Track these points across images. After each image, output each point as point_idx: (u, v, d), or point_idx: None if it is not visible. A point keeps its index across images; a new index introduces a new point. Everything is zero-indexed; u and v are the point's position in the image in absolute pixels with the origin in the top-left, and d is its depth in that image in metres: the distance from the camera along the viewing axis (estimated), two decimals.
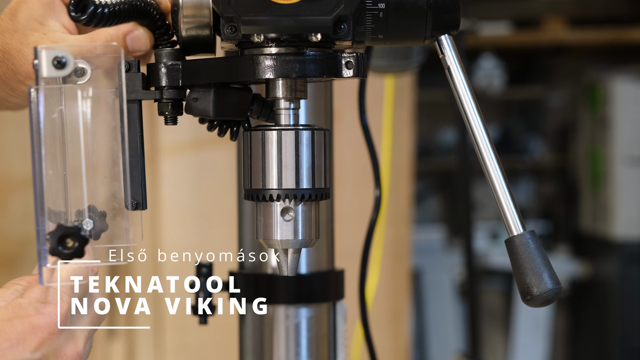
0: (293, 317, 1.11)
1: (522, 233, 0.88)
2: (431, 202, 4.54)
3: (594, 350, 4.19)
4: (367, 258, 1.20)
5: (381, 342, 2.34)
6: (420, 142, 4.10)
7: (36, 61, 0.82)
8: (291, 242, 0.91)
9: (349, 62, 0.90)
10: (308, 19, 0.84)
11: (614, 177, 3.99)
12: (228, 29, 0.87)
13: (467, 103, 0.90)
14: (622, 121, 3.97)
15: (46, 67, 0.81)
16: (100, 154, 0.94)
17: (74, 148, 0.88)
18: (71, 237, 0.80)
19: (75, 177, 0.88)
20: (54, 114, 0.86)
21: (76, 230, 0.80)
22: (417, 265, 3.93)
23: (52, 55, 0.81)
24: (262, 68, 0.88)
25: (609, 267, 4.06)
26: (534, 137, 4.49)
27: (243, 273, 1.13)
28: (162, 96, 0.93)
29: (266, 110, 0.97)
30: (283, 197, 0.89)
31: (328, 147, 0.92)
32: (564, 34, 4.13)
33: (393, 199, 2.47)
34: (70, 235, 0.80)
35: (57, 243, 0.80)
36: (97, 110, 0.93)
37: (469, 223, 2.41)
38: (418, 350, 4.09)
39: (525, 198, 4.54)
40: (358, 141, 1.33)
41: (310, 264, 1.13)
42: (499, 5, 4.32)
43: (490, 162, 0.89)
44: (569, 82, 4.47)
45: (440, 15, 0.90)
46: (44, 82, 0.82)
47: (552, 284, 0.86)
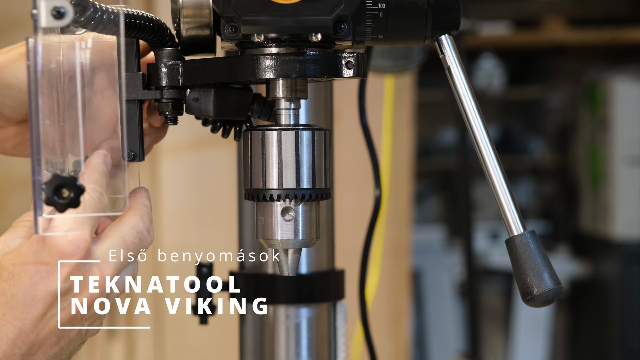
0: (293, 317, 1.11)
1: (523, 233, 0.88)
2: (431, 202, 4.54)
3: (594, 350, 4.19)
4: (367, 258, 1.20)
5: (381, 342, 2.34)
6: (420, 142, 4.10)
7: (35, 11, 0.81)
8: (291, 242, 0.91)
9: (349, 62, 0.90)
10: (308, 19, 0.84)
11: (614, 177, 3.99)
12: (228, 29, 0.87)
13: (467, 103, 0.90)
14: (622, 121, 3.97)
15: (45, 17, 0.80)
16: (98, 104, 0.94)
17: (71, 99, 0.88)
18: (67, 187, 0.79)
19: (73, 128, 0.87)
20: (52, 64, 0.86)
21: (72, 180, 0.79)
22: (417, 265, 3.93)
23: (51, 5, 0.80)
24: (262, 68, 0.88)
25: (609, 267, 4.06)
26: (534, 137, 4.49)
27: (243, 273, 1.13)
28: (163, 96, 0.93)
29: (267, 109, 0.97)
30: (283, 197, 0.89)
31: (328, 147, 0.92)
32: (564, 34, 4.13)
33: (393, 199, 2.47)
34: (66, 185, 0.79)
35: (53, 193, 0.79)
36: (96, 61, 0.93)
37: (469, 223, 2.41)
38: (418, 350, 4.09)
39: (525, 198, 4.54)
40: (358, 141, 1.33)
41: (310, 264, 1.13)
42: (499, 5, 4.32)
43: (490, 162, 0.89)
44: (569, 82, 4.47)
45: (440, 15, 0.90)
46: (42, 32, 0.82)
47: (553, 284, 0.86)
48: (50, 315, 0.80)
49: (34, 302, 0.79)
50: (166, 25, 0.93)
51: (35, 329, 0.80)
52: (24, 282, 0.79)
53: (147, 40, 0.91)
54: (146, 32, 0.90)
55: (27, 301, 0.79)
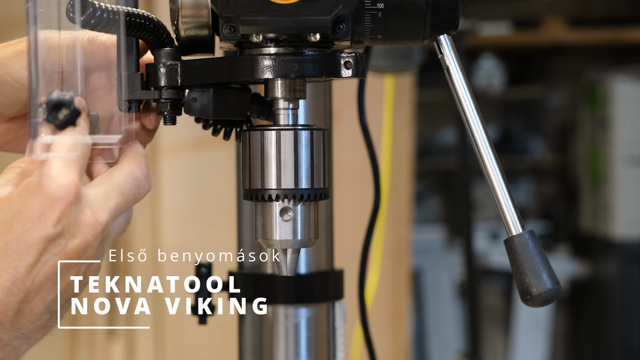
0: (292, 317, 1.11)
1: (522, 233, 0.88)
2: (431, 202, 4.54)
3: (594, 350, 4.19)
4: (367, 258, 1.20)
5: (381, 342, 2.34)
6: (420, 142, 4.11)
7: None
8: (290, 242, 0.91)
9: (348, 62, 0.90)
10: (307, 19, 0.84)
11: (614, 177, 3.99)
12: (227, 29, 0.87)
13: (466, 103, 0.90)
14: (622, 121, 3.97)
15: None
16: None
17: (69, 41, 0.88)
18: (65, 106, 0.80)
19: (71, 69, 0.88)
20: (52, 6, 0.86)
21: (71, 99, 0.80)
22: (417, 265, 3.93)
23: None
24: (260, 68, 0.88)
25: (609, 267, 4.06)
26: (534, 137, 4.49)
27: (243, 273, 1.13)
28: (161, 96, 0.93)
29: (266, 109, 0.97)
30: (282, 197, 0.89)
31: (327, 147, 0.92)
32: (564, 34, 4.13)
33: (393, 199, 2.47)
34: (65, 104, 0.80)
35: (52, 111, 0.79)
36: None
37: (469, 223, 2.41)
38: (418, 350, 4.09)
39: (525, 198, 4.54)
40: (358, 141, 1.33)
41: (309, 264, 1.13)
42: (499, 5, 4.32)
43: (489, 163, 0.89)
44: (569, 82, 4.48)
45: (439, 15, 0.90)
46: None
47: (552, 283, 0.86)
48: (45, 260, 0.80)
49: (27, 249, 0.79)
50: (165, 25, 0.93)
51: (30, 275, 0.80)
52: (15, 229, 0.79)
53: (146, 40, 0.91)
54: (146, 32, 0.90)
55: (21, 249, 0.79)
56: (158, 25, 0.91)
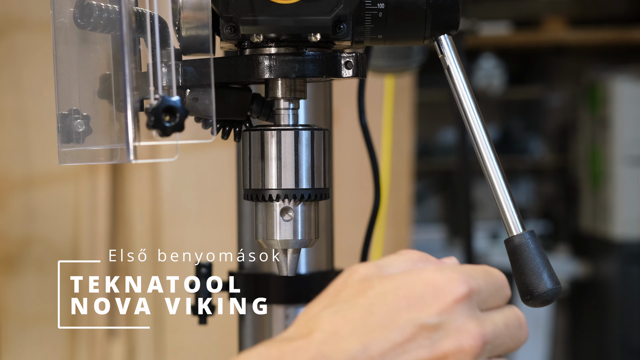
0: (292, 317, 1.11)
1: (522, 233, 0.88)
2: (431, 202, 4.54)
3: (594, 350, 4.19)
4: (367, 258, 1.20)
5: None
6: (420, 142, 4.11)
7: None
8: (290, 242, 0.91)
9: (348, 62, 0.90)
10: (307, 19, 0.84)
11: (614, 177, 4.00)
12: (227, 29, 0.87)
13: (467, 103, 0.90)
14: (622, 121, 3.97)
15: None
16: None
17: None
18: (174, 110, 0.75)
19: None
20: None
21: (178, 102, 0.76)
22: None
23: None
24: (261, 68, 0.89)
25: (609, 267, 4.06)
26: (534, 137, 4.49)
27: (243, 273, 1.13)
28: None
29: (266, 109, 0.97)
30: (282, 197, 0.89)
31: (327, 147, 0.92)
32: (564, 34, 4.13)
33: (393, 199, 2.47)
34: (173, 108, 0.76)
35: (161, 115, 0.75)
36: None
37: (469, 223, 2.41)
38: None
39: (525, 198, 4.54)
40: (358, 141, 1.33)
41: (309, 264, 1.13)
42: (499, 5, 4.32)
43: (489, 163, 0.89)
44: (569, 82, 4.48)
45: (440, 15, 0.90)
46: None
47: (552, 283, 0.86)
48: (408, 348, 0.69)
49: (393, 326, 0.70)
50: (167, 24, 0.93)
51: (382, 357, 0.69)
52: (388, 303, 0.71)
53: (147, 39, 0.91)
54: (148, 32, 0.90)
55: (385, 323, 0.70)
56: (162, 25, 0.91)
